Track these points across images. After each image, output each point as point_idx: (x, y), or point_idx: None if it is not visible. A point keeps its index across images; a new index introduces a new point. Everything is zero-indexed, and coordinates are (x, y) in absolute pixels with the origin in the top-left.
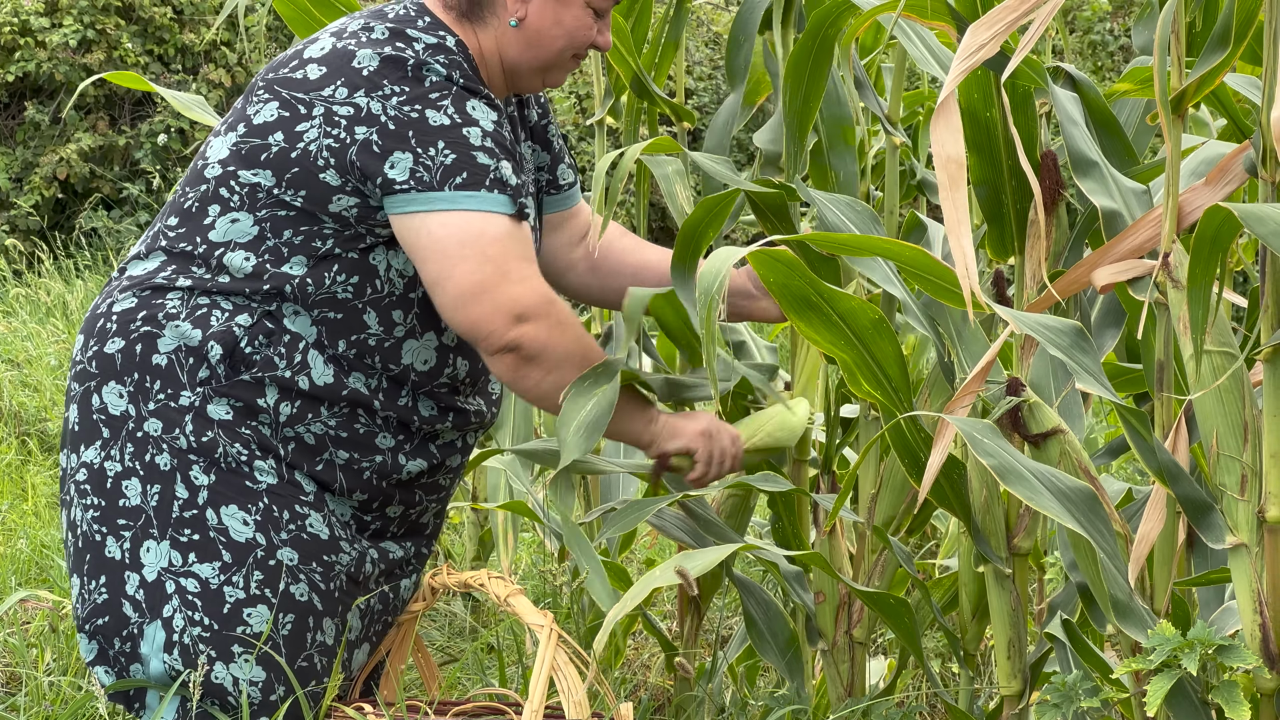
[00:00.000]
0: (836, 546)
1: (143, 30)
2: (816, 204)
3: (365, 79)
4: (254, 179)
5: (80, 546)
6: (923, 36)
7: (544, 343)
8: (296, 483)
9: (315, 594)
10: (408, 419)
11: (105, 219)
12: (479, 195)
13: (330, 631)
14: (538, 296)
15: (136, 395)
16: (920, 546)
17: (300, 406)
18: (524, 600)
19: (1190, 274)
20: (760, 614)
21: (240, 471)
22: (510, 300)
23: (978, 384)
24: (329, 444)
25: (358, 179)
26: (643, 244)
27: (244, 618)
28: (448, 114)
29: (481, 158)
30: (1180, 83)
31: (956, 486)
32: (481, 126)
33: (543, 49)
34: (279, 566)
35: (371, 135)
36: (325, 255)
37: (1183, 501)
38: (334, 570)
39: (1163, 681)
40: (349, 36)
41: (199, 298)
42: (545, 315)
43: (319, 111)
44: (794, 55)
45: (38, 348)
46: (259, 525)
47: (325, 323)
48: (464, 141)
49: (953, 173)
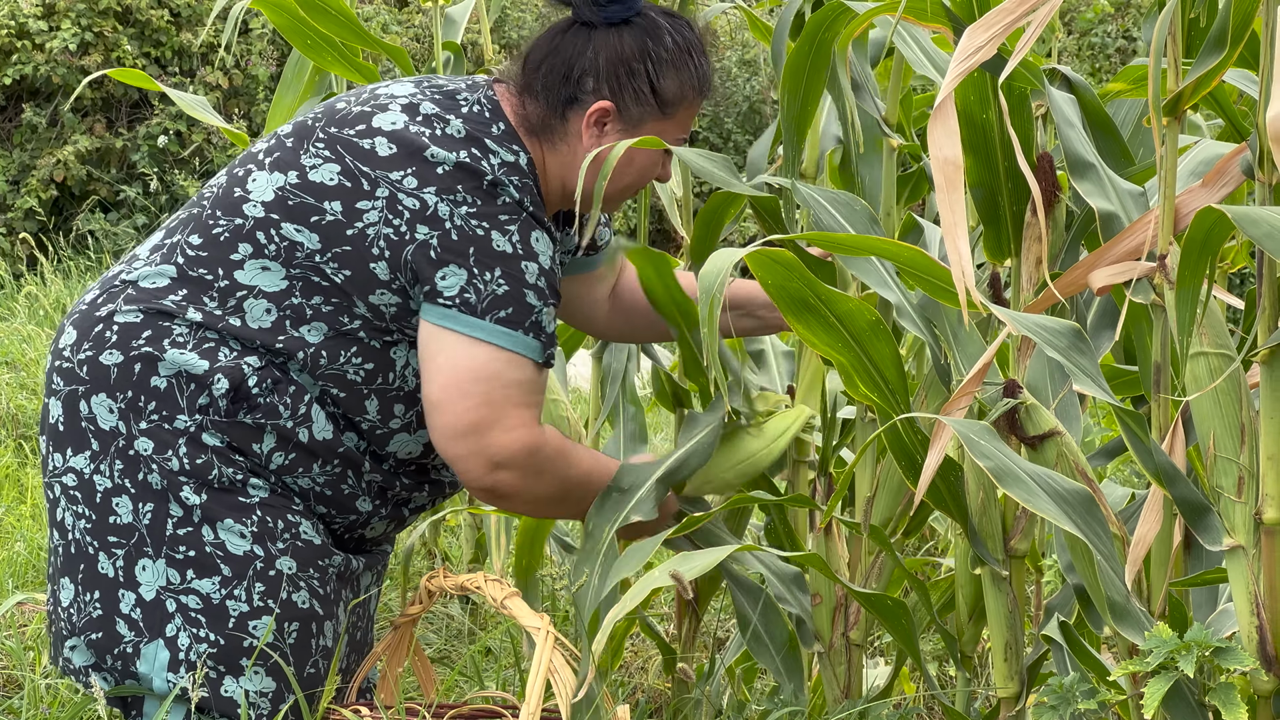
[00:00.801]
0: (833, 548)
1: (140, 33)
2: (812, 205)
3: (438, 177)
4: (297, 236)
5: (73, 553)
6: (918, 39)
7: (518, 489)
8: (288, 494)
9: (315, 600)
10: (389, 485)
11: (102, 221)
12: (514, 335)
13: (330, 634)
14: (520, 447)
15: (128, 413)
16: (918, 548)
17: (294, 459)
18: (520, 603)
19: (1179, 275)
20: (759, 617)
21: (232, 489)
22: (495, 449)
23: (974, 385)
24: (311, 499)
25: (408, 279)
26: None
27: (250, 630)
28: (512, 241)
29: (531, 297)
30: (1177, 84)
31: (953, 488)
32: (540, 263)
33: (610, 184)
34: (279, 576)
35: (432, 238)
36: (347, 333)
37: (1180, 503)
38: (328, 574)
39: (1160, 683)
40: (423, 122)
41: (207, 332)
42: (523, 465)
43: (383, 194)
44: (791, 59)
45: (36, 350)
46: (255, 537)
47: (329, 397)
48: (520, 276)
49: (949, 175)
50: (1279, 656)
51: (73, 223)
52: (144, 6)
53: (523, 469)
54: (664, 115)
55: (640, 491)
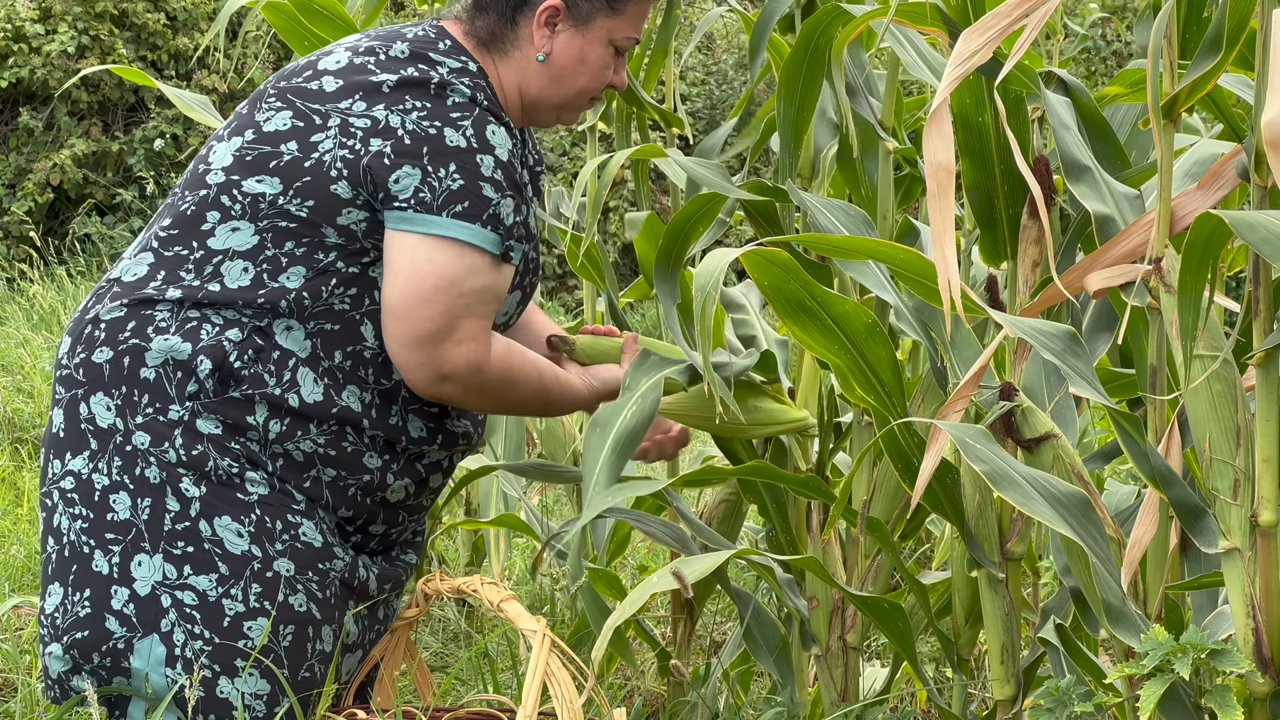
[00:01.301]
0: (830, 551)
1: (136, 37)
2: (808, 208)
3: (385, 95)
4: (258, 188)
5: (66, 556)
6: (914, 42)
7: (460, 401)
8: (288, 492)
9: (313, 603)
10: (395, 439)
11: (98, 225)
12: (472, 228)
13: (329, 639)
14: (464, 363)
15: (124, 408)
16: (915, 551)
17: (289, 424)
18: (517, 605)
19: (1181, 281)
20: (754, 619)
21: (231, 484)
22: (443, 360)
23: (970, 389)
24: (317, 461)
25: (369, 192)
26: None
27: (244, 630)
28: (465, 135)
29: (487, 190)
30: (1173, 87)
31: (950, 491)
32: (496, 155)
33: (565, 85)
34: (277, 578)
35: (386, 146)
36: (324, 269)
37: (1176, 506)
38: (329, 578)
39: (1156, 686)
40: (366, 53)
41: (189, 310)
42: (467, 382)
43: (335, 122)
44: (788, 62)
45: (31, 354)
46: (253, 537)
47: (321, 335)
48: (474, 169)
49: (941, 180)
50: (1275, 659)
51: (69, 226)
52: (140, 10)
53: (465, 384)
54: (613, 11)
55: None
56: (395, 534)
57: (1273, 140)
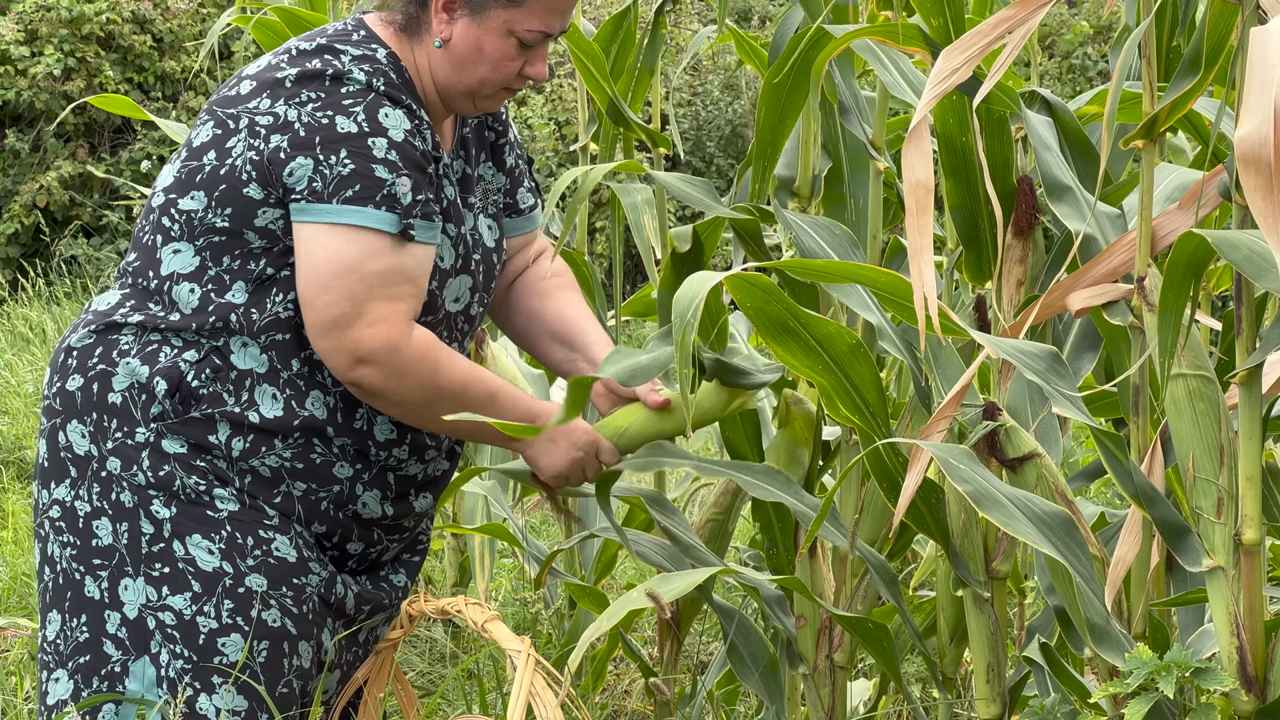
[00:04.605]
0: (818, 571)
1: (123, 58)
2: (793, 228)
3: (286, 90)
4: (190, 205)
5: (60, 583)
6: (897, 62)
7: (380, 387)
8: (259, 508)
9: (288, 619)
10: (363, 445)
11: (85, 246)
12: (365, 211)
13: (306, 655)
14: (380, 344)
15: (97, 435)
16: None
17: (253, 441)
18: (501, 626)
19: (1162, 299)
20: (740, 638)
21: (200, 502)
22: (355, 343)
23: (952, 409)
24: (285, 475)
25: (278, 191)
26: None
27: (219, 647)
28: (357, 120)
29: (380, 170)
30: (1153, 107)
31: (935, 511)
32: (390, 136)
33: (465, 73)
34: (249, 594)
35: (283, 141)
36: (263, 279)
37: (1159, 525)
38: (305, 593)
39: (1140, 705)
40: (283, 52)
41: (150, 334)
42: (385, 363)
43: (244, 124)
44: (769, 80)
45: (15, 376)
46: (224, 554)
47: (275, 346)
48: (366, 152)
49: (920, 198)
50: (1259, 677)
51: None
52: (127, 32)
53: (383, 366)
54: (511, 3)
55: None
56: (376, 553)
57: (1246, 157)
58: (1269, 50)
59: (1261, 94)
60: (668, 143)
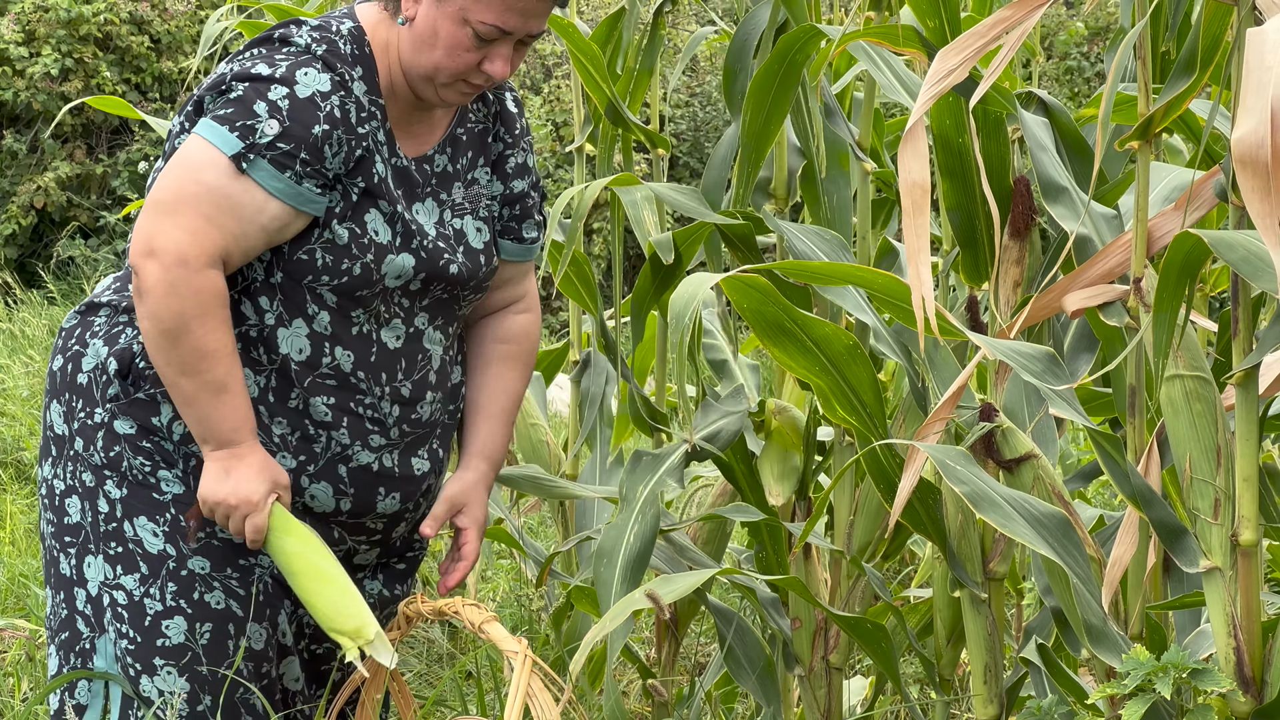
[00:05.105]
0: (813, 572)
1: (120, 59)
2: (785, 233)
3: (238, 56)
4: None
5: (47, 560)
6: (890, 64)
7: (149, 288)
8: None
9: (233, 600)
10: (303, 428)
11: (82, 247)
12: (219, 130)
13: (258, 636)
14: (175, 252)
15: (68, 414)
16: (898, 572)
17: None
18: (498, 627)
19: (1158, 299)
20: (737, 640)
21: (146, 483)
22: (157, 233)
23: (948, 409)
24: None
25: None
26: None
27: (163, 629)
28: (275, 66)
29: (259, 106)
30: (1148, 108)
31: (931, 512)
32: (295, 90)
33: (421, 56)
34: (192, 576)
35: (209, 85)
36: None
37: (1156, 526)
38: (253, 574)
39: (1137, 706)
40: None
41: (119, 315)
42: (166, 270)
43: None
44: (757, 79)
45: (12, 378)
46: (168, 536)
47: None
48: (262, 90)
49: (916, 199)
50: (1256, 677)
51: (53, 249)
52: (124, 33)
53: (164, 270)
54: None
55: (671, 459)
56: (342, 553)
57: (1243, 158)
58: (1265, 51)
59: (1258, 95)
60: (666, 144)
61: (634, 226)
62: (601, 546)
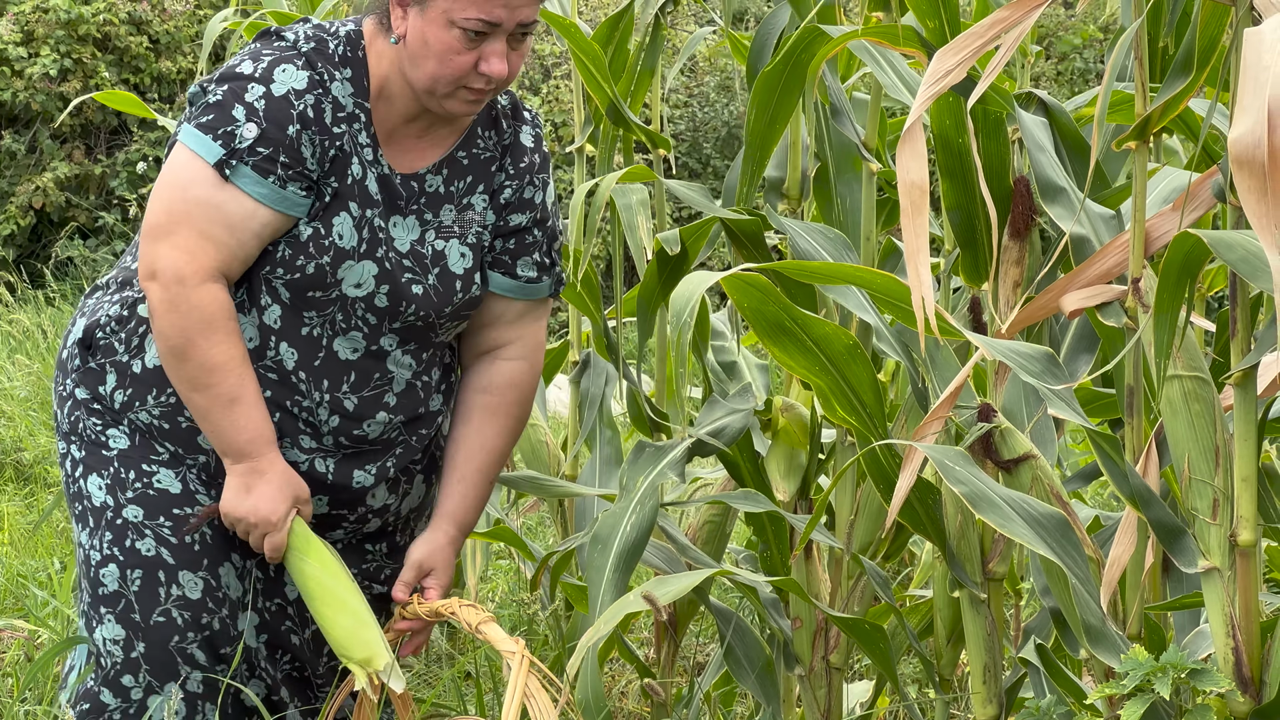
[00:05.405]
0: (813, 572)
1: (119, 60)
2: (789, 232)
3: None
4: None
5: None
6: (893, 63)
7: (153, 309)
8: (149, 444)
9: (164, 547)
10: None
11: (81, 248)
12: (201, 138)
13: (193, 585)
14: (171, 270)
15: (58, 389)
16: (898, 572)
17: (131, 393)
18: (496, 627)
19: (1158, 300)
20: (736, 640)
21: (98, 441)
22: (155, 257)
23: (946, 409)
24: (155, 434)
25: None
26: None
27: (101, 578)
28: (257, 64)
29: (237, 110)
30: (1145, 108)
31: (931, 512)
32: (270, 89)
33: (418, 69)
34: (125, 525)
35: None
36: None
37: (1155, 526)
38: (188, 522)
39: (1136, 706)
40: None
41: (108, 293)
42: (165, 288)
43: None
44: (763, 79)
45: (12, 379)
46: (108, 488)
47: None
48: (239, 92)
49: (915, 199)
50: (1255, 678)
51: (51, 250)
52: (123, 34)
53: (164, 289)
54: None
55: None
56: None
57: (1240, 158)
58: (1263, 51)
59: (1255, 95)
60: (667, 144)
61: (626, 232)
62: (597, 533)
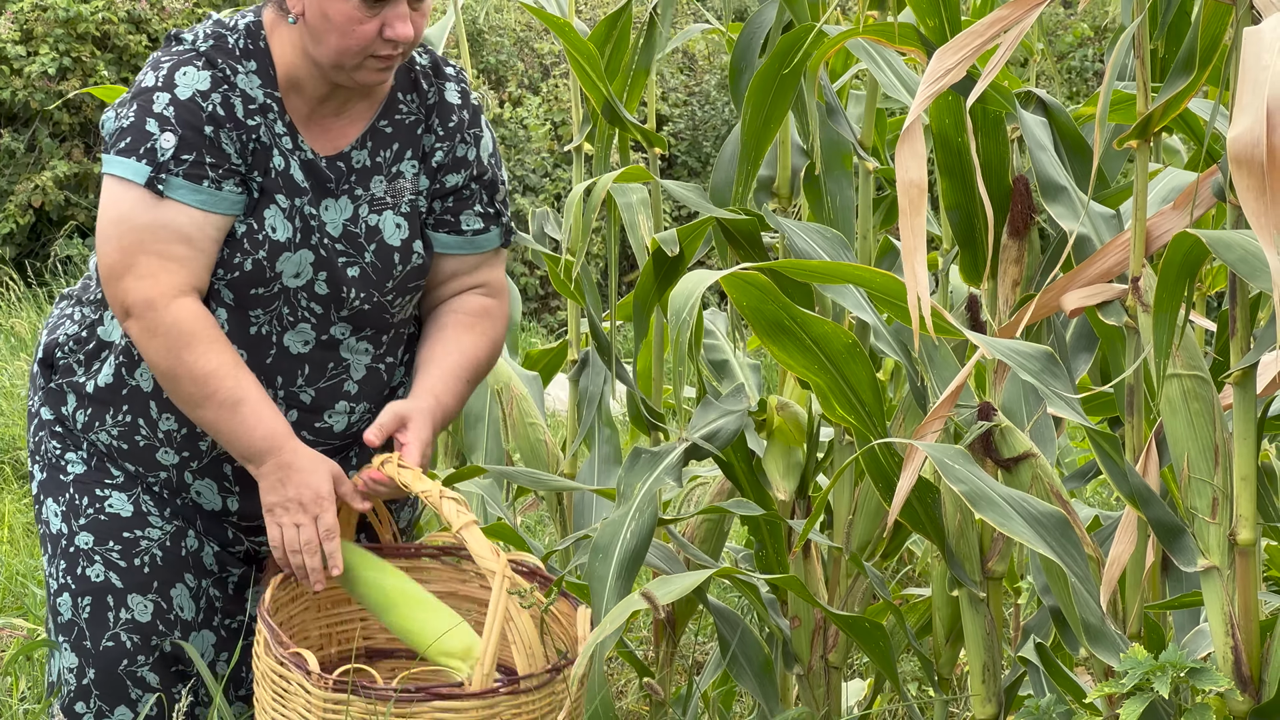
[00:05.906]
0: (812, 571)
1: (118, 58)
2: (786, 231)
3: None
4: None
5: None
6: (890, 62)
7: (135, 341)
8: (104, 469)
9: (113, 571)
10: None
11: (80, 246)
12: (126, 163)
13: (143, 608)
14: (140, 299)
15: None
16: (897, 571)
17: (91, 413)
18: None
19: (1157, 299)
20: (735, 639)
21: (56, 466)
22: (124, 294)
23: (946, 408)
24: (116, 456)
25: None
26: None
27: (57, 607)
28: (159, 75)
29: (150, 124)
30: (1147, 107)
31: (930, 510)
32: (176, 93)
33: (322, 45)
34: (77, 553)
35: (106, 124)
36: None
37: (1154, 525)
38: (139, 546)
39: (1135, 705)
40: None
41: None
42: (140, 317)
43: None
44: (757, 78)
45: (11, 379)
46: (63, 516)
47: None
48: (148, 106)
49: (913, 198)
50: (1254, 677)
51: (51, 248)
52: (122, 32)
53: (139, 320)
54: None
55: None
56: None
57: (1239, 157)
58: (1262, 50)
59: (1254, 94)
60: (663, 143)
61: (628, 230)
62: (598, 542)
